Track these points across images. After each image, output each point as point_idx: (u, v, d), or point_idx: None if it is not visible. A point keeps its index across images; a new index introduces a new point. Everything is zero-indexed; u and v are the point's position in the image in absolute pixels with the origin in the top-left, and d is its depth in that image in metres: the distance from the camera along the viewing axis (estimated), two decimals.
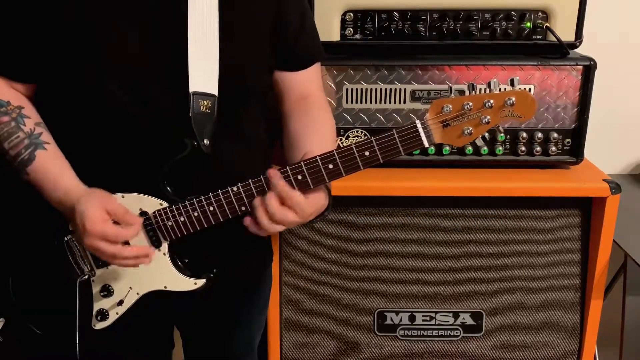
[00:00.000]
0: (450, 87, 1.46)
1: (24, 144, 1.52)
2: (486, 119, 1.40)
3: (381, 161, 1.45)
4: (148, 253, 1.54)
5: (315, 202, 1.52)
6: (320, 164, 1.46)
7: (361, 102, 2.05)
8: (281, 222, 1.48)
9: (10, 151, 1.52)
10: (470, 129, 1.41)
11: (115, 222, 1.50)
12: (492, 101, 1.39)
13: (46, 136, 1.55)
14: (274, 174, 1.46)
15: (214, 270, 1.62)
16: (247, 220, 1.50)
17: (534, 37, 2.03)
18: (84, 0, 1.46)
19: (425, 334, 2.18)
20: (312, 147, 1.59)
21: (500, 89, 1.41)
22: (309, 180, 1.48)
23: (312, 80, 1.76)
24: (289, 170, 1.47)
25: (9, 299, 1.67)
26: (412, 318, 2.16)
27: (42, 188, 1.53)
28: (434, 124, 1.42)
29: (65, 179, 1.53)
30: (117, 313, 1.62)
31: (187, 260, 1.61)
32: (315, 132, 1.68)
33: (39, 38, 1.49)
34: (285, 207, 1.47)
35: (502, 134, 1.98)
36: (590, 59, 2.00)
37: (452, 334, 2.17)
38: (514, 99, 1.39)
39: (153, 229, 1.55)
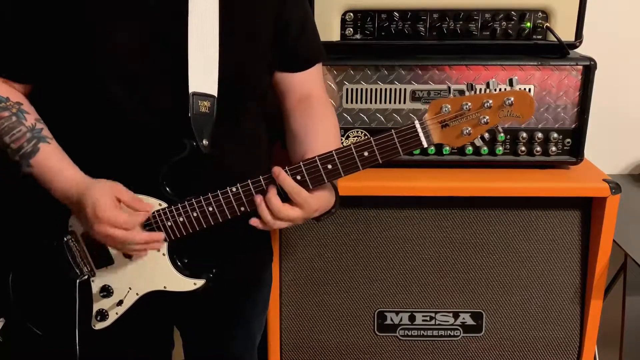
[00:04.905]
0: (449, 87, 1.46)
1: (26, 137, 1.51)
2: (485, 119, 1.40)
3: (380, 161, 1.46)
4: (159, 239, 1.55)
5: (320, 197, 1.54)
6: (319, 164, 1.47)
7: (361, 102, 2.05)
8: (285, 219, 1.50)
9: (12, 144, 1.51)
10: (469, 129, 1.41)
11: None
12: (490, 101, 1.39)
13: (47, 132, 1.55)
14: (279, 171, 1.48)
15: (213, 271, 1.62)
16: (254, 221, 1.52)
17: (534, 37, 2.03)
18: (83, 1, 1.46)
19: (425, 334, 2.18)
20: (316, 143, 1.60)
21: (499, 89, 1.41)
22: (308, 181, 1.48)
23: (313, 81, 1.76)
24: (288, 170, 1.48)
25: (9, 299, 1.67)
26: (412, 318, 2.16)
27: (46, 180, 1.52)
28: (432, 124, 1.42)
29: (69, 170, 1.53)
30: (116, 313, 1.63)
31: (186, 261, 1.61)
32: (318, 128, 1.68)
33: (38, 38, 1.49)
34: (286, 204, 1.49)
35: (501, 134, 1.98)
36: (590, 59, 2.00)
37: (452, 334, 2.17)
38: (512, 99, 1.39)
39: (152, 229, 1.55)
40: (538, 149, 2.06)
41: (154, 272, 1.59)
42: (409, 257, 2.11)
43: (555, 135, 2.05)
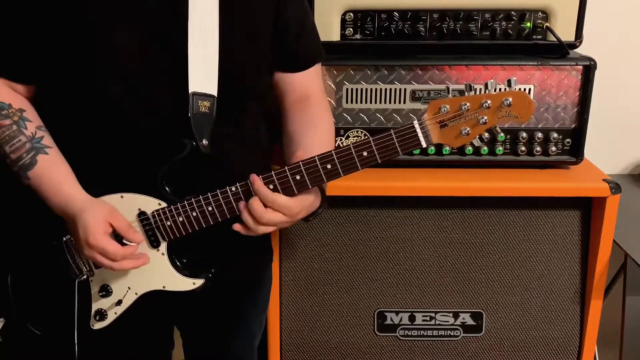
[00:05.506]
0: (448, 87, 1.46)
1: (25, 148, 1.51)
2: (483, 120, 1.40)
3: (379, 161, 1.46)
4: (144, 262, 1.56)
5: (301, 200, 1.53)
6: (319, 164, 1.47)
7: (361, 102, 2.05)
8: (268, 223, 1.51)
9: (11, 155, 1.51)
10: (468, 129, 1.42)
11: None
12: (489, 102, 1.39)
13: (48, 140, 1.54)
14: (254, 179, 1.49)
15: (212, 270, 1.62)
16: (237, 226, 1.53)
17: (534, 37, 2.03)
18: (83, 1, 1.46)
19: (425, 334, 2.18)
20: (309, 144, 1.60)
21: (498, 89, 1.41)
22: (307, 181, 1.48)
23: (312, 81, 1.76)
24: (287, 170, 1.48)
25: (9, 299, 1.67)
26: (412, 318, 2.16)
27: (43, 193, 1.53)
28: (431, 124, 1.42)
29: (67, 186, 1.53)
30: (115, 313, 1.63)
31: (185, 260, 1.62)
32: (313, 129, 1.69)
33: (40, 39, 1.49)
34: (269, 209, 1.50)
35: (501, 134, 1.98)
36: (590, 59, 2.00)
37: (452, 334, 2.17)
38: (511, 99, 1.39)
39: (152, 228, 1.56)
40: (538, 148, 2.05)
41: (153, 271, 1.59)
42: (409, 257, 2.11)
43: (555, 135, 2.05)
